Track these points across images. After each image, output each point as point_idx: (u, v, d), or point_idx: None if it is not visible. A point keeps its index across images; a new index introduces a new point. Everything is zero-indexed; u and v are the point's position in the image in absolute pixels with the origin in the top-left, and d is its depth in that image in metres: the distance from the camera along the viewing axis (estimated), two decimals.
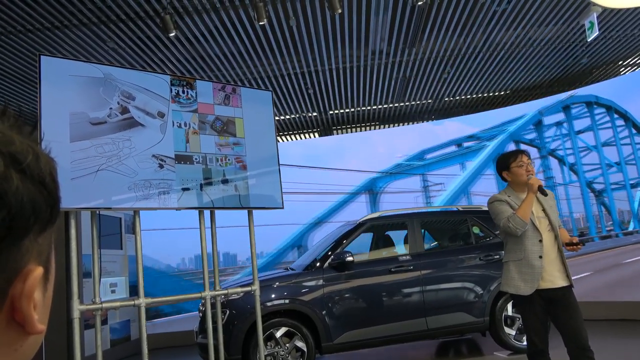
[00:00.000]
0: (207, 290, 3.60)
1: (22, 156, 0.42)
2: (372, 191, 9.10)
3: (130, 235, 7.53)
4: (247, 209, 3.82)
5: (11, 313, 0.42)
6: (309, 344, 4.90)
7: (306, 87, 7.91)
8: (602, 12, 6.11)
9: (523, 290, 3.16)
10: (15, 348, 0.44)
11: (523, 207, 3.13)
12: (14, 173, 0.40)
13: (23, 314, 0.43)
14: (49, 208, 0.44)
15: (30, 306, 0.43)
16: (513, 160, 3.29)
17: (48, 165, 0.45)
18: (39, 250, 0.45)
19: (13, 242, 0.41)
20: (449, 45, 6.89)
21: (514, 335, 5.29)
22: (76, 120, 3.05)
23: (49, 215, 0.44)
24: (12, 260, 0.41)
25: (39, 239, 0.44)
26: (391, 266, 5.28)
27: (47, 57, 3.07)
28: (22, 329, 0.43)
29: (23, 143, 0.43)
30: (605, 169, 7.31)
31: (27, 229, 0.42)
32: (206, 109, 3.70)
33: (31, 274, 0.43)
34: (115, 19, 5.33)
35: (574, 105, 7.70)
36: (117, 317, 7.19)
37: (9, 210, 0.39)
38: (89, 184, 3.02)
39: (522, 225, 3.12)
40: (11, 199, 0.40)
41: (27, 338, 0.45)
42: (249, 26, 5.80)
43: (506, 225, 3.16)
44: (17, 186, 0.40)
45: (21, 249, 0.42)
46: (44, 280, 0.47)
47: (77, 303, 3.01)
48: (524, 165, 3.24)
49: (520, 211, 3.12)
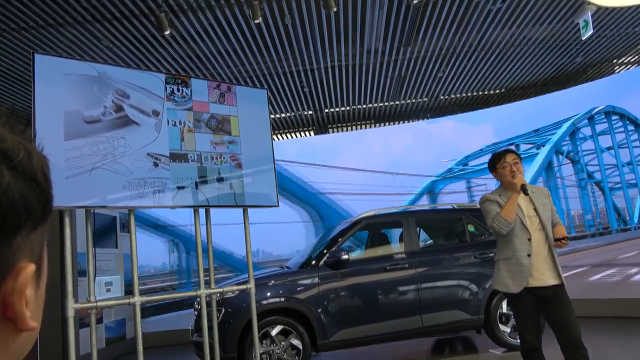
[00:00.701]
0: (202, 288, 3.60)
1: (14, 153, 0.42)
2: (432, 192, 9.61)
3: (125, 233, 7.52)
4: (242, 207, 3.82)
5: (3, 310, 0.43)
6: (305, 342, 4.91)
7: (301, 86, 7.91)
8: (597, 10, 6.13)
9: (512, 288, 3.21)
10: (8, 345, 0.44)
11: (507, 206, 3.20)
12: (5, 170, 0.41)
13: (15, 311, 0.43)
14: (41, 205, 0.44)
15: (22, 303, 0.43)
16: (498, 161, 3.37)
17: (40, 163, 0.45)
18: (31, 248, 0.45)
19: (5, 239, 0.41)
20: (444, 44, 6.91)
21: (508, 333, 5.32)
22: (70, 119, 3.04)
23: (41, 213, 0.45)
24: (4, 257, 0.42)
25: (31, 236, 0.44)
26: (387, 264, 5.29)
27: (41, 56, 3.06)
28: (14, 325, 0.43)
29: (14, 140, 0.43)
30: (621, 169, 7.89)
31: (18, 226, 0.42)
32: (201, 107, 3.69)
33: (23, 271, 0.43)
34: (110, 17, 5.31)
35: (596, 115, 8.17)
36: (112, 316, 7.18)
37: (0, 207, 0.40)
38: (83, 183, 3.01)
39: (506, 225, 3.18)
40: (2, 196, 0.40)
41: (20, 335, 0.45)
42: (244, 24, 5.79)
43: (491, 224, 3.24)
44: (9, 183, 0.40)
45: (13, 246, 0.42)
46: (36, 278, 0.47)
47: (72, 302, 3.00)
48: (507, 166, 3.30)
49: (504, 211, 3.19)
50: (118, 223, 7.52)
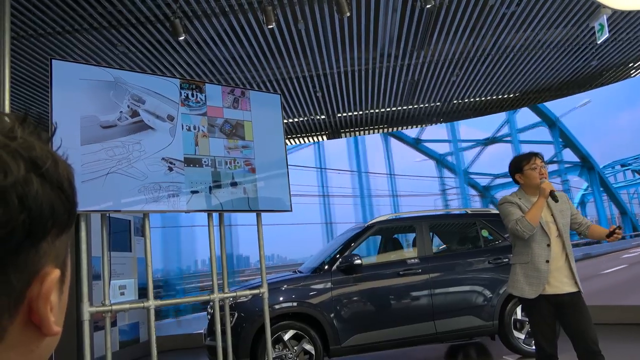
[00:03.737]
0: (215, 292, 3.61)
1: (42, 161, 0.43)
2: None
3: (139, 237, 7.57)
4: (256, 212, 3.84)
5: (28, 314, 0.43)
6: (317, 347, 4.90)
7: (314, 90, 7.92)
8: (612, 14, 6.07)
9: (527, 293, 3.14)
10: (32, 349, 0.45)
11: (533, 210, 3.09)
12: (34, 177, 0.42)
13: (40, 316, 0.44)
14: (67, 212, 0.46)
15: (47, 308, 0.44)
16: (526, 162, 3.25)
17: (66, 171, 0.46)
18: (56, 254, 0.46)
19: (32, 245, 0.42)
20: (458, 48, 6.88)
21: (523, 339, 5.26)
22: (87, 124, 3.08)
23: (66, 219, 0.46)
24: (31, 262, 0.43)
25: (56, 242, 0.46)
26: (399, 269, 5.27)
27: (59, 61, 3.10)
28: (39, 330, 0.44)
29: (43, 149, 0.44)
30: None
31: (45, 232, 0.43)
32: (215, 112, 3.71)
33: (48, 277, 0.44)
34: (126, 23, 5.37)
35: None
36: (127, 319, 7.23)
37: (29, 213, 0.41)
38: (99, 187, 3.04)
39: (530, 229, 3.09)
40: (31, 203, 0.41)
41: (43, 339, 0.45)
42: (258, 30, 5.82)
43: (514, 227, 3.13)
44: (37, 190, 0.42)
45: (39, 252, 0.43)
46: (60, 283, 0.48)
47: (87, 305, 3.03)
48: (537, 168, 3.20)
49: (530, 215, 3.09)
50: (132, 227, 7.57)
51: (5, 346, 0.42)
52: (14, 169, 0.40)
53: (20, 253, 0.41)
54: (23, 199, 0.40)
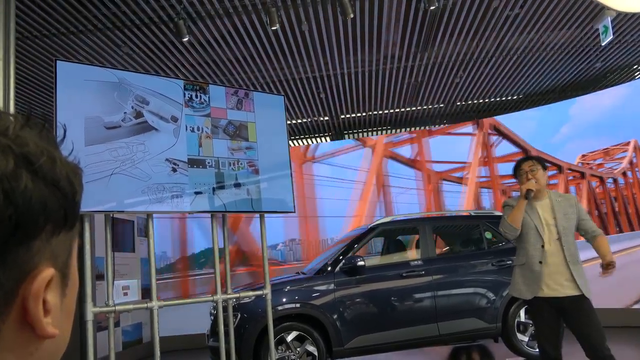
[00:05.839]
0: (218, 293, 3.61)
1: (35, 157, 0.42)
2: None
3: (142, 238, 7.59)
4: (259, 213, 3.84)
5: (23, 315, 0.42)
6: (320, 349, 4.89)
7: (318, 92, 7.92)
8: (617, 16, 6.05)
9: (524, 294, 3.23)
10: (30, 352, 0.44)
11: (513, 212, 3.24)
12: (24, 173, 0.41)
13: (31, 316, 0.42)
14: (62, 209, 0.44)
15: (39, 308, 0.43)
16: (517, 168, 3.42)
17: (66, 170, 0.45)
18: (53, 253, 0.45)
19: (21, 242, 0.41)
20: (461, 50, 6.87)
21: (526, 342, 5.24)
22: (91, 125, 3.09)
23: (62, 217, 0.44)
24: (22, 260, 0.41)
25: (53, 240, 0.44)
26: (403, 271, 5.26)
27: (63, 62, 3.11)
28: (34, 331, 0.43)
29: (38, 146, 0.43)
30: None
31: (36, 229, 0.42)
32: (219, 114, 3.72)
33: (39, 275, 0.43)
34: (130, 24, 5.39)
35: None
36: (130, 320, 7.24)
37: (16, 209, 0.40)
38: (103, 188, 3.04)
39: (511, 230, 3.24)
40: (18, 198, 0.40)
41: (42, 342, 0.44)
42: (262, 31, 5.83)
43: (500, 229, 3.37)
44: (26, 185, 0.41)
45: (31, 250, 0.42)
46: (61, 285, 0.46)
47: (91, 305, 3.04)
48: (523, 174, 3.33)
49: (510, 216, 3.24)
50: (135, 227, 7.59)
51: (1, 347, 0.41)
52: (2, 164, 0.40)
53: (9, 250, 0.40)
54: (9, 194, 0.39)
